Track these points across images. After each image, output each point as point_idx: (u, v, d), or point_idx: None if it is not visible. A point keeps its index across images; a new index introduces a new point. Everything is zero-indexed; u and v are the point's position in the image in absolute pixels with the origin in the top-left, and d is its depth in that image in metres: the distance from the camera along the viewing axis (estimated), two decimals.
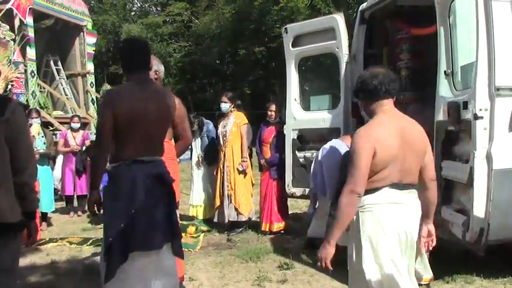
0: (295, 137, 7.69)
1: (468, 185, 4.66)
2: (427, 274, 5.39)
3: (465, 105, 4.73)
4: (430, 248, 3.69)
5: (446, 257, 6.02)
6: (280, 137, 8.16)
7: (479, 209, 4.55)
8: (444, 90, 5.17)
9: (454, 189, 5.07)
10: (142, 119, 3.74)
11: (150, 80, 4.12)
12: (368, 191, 3.42)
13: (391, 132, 3.44)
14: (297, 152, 7.63)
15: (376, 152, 3.36)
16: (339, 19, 7.06)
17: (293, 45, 7.73)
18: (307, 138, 7.62)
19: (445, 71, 5.17)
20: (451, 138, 5.08)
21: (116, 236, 3.70)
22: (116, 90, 4.85)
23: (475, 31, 4.59)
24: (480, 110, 4.52)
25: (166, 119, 4.00)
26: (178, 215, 5.12)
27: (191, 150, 9.34)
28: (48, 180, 9.31)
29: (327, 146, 6.56)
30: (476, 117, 4.52)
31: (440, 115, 5.12)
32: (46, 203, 9.05)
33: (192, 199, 9.43)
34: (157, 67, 4.99)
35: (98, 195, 4.06)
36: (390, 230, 3.41)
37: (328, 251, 3.38)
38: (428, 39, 6.04)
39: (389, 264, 3.43)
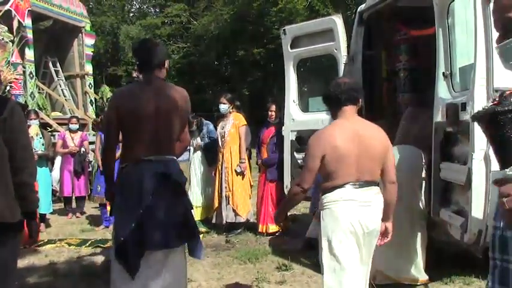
0: (294, 139, 7.69)
1: (466, 187, 4.66)
2: (422, 276, 5.42)
3: (463, 106, 4.73)
4: (382, 243, 4.04)
5: (444, 258, 6.04)
6: (279, 137, 8.17)
7: (477, 210, 4.55)
8: (443, 91, 5.18)
9: (453, 190, 5.07)
10: (149, 119, 3.74)
11: (159, 79, 4.07)
12: (327, 191, 3.82)
13: (345, 136, 3.80)
14: (295, 153, 7.63)
15: (326, 153, 3.76)
16: (338, 20, 7.06)
17: (292, 47, 7.73)
18: (306, 140, 7.61)
19: (443, 73, 5.17)
20: (450, 140, 5.09)
21: (128, 236, 3.71)
22: (121, 90, 4.90)
23: (474, 32, 4.59)
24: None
25: (176, 118, 3.95)
26: None
27: (188, 151, 9.34)
28: (46, 181, 9.30)
29: None
30: None
31: (439, 116, 5.13)
32: (44, 204, 9.04)
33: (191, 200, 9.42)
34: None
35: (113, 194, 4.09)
36: (345, 223, 3.74)
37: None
38: (427, 40, 6.05)
39: (343, 256, 3.76)
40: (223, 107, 8.62)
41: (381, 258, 5.46)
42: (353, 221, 3.75)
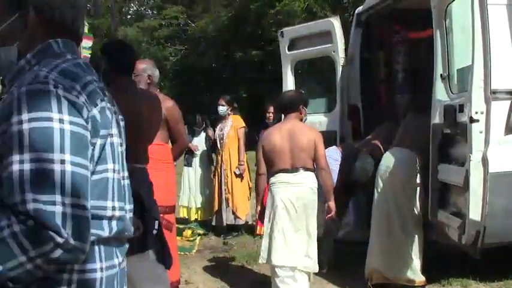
0: None
1: (464, 188, 4.66)
2: (418, 277, 5.42)
3: (461, 108, 4.73)
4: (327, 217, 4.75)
5: (442, 260, 6.04)
6: None
7: (475, 212, 4.55)
8: (440, 93, 5.18)
9: (450, 192, 5.07)
10: None
11: (132, 86, 4.01)
12: (270, 175, 5.10)
13: (281, 134, 5.08)
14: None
15: (265, 147, 5.14)
16: (335, 22, 7.07)
17: (289, 49, 7.73)
18: None
19: (441, 74, 5.17)
20: (447, 142, 5.09)
21: None
22: None
23: (471, 34, 4.60)
24: (476, 113, 4.52)
25: (149, 126, 3.88)
26: (174, 219, 5.15)
27: (187, 153, 9.36)
28: None
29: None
30: (472, 120, 4.52)
31: (437, 118, 5.12)
32: None
33: (185, 200, 9.41)
34: (151, 71, 4.93)
35: None
36: (278, 200, 4.95)
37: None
38: (425, 42, 6.06)
39: (274, 225, 4.97)
40: (222, 108, 8.62)
41: (377, 258, 5.50)
42: (284, 199, 4.94)
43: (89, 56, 18.54)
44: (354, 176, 5.97)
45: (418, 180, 5.51)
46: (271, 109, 8.50)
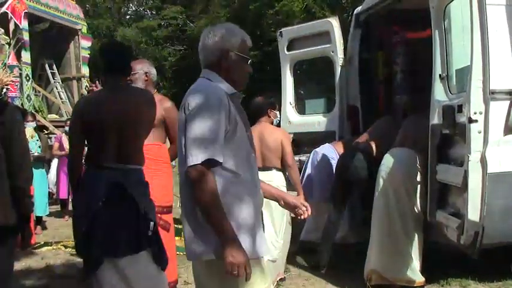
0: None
1: (463, 189, 4.66)
2: (418, 277, 5.42)
3: (460, 108, 4.73)
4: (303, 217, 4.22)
5: (441, 260, 6.04)
6: None
7: (473, 212, 4.55)
8: (439, 93, 5.18)
9: (449, 192, 5.06)
10: (112, 127, 3.64)
11: (127, 86, 4.01)
12: None
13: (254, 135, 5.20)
14: None
15: None
16: (334, 23, 7.07)
17: (288, 49, 7.73)
18: (303, 142, 7.62)
19: (440, 75, 5.17)
20: (446, 142, 5.09)
21: (80, 239, 3.69)
22: (86, 97, 4.87)
23: (470, 34, 4.59)
24: (475, 113, 4.52)
25: (142, 126, 3.86)
26: (172, 219, 5.14)
27: None
28: (42, 183, 9.29)
29: (318, 149, 6.63)
30: (470, 120, 4.52)
31: (435, 119, 5.12)
32: (40, 206, 9.03)
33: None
34: (148, 69, 4.98)
35: None
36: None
37: None
38: (424, 42, 6.05)
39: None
40: None
41: (377, 259, 5.50)
42: None
43: (88, 56, 18.59)
44: (347, 175, 5.99)
45: (419, 180, 5.50)
46: None
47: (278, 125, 8.36)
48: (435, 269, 5.74)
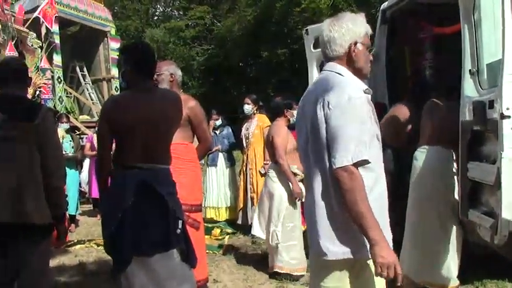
0: None
1: (496, 187, 4.54)
2: (453, 281, 5.21)
3: (491, 104, 4.62)
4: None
5: (476, 261, 5.87)
6: None
7: (507, 211, 4.42)
8: (469, 89, 5.08)
9: (481, 191, 4.92)
10: (140, 127, 3.65)
11: (153, 87, 4.02)
12: None
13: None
14: None
15: None
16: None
17: (314, 47, 7.68)
18: None
19: (469, 70, 5.07)
20: (477, 139, 4.98)
21: (109, 238, 3.73)
22: (114, 98, 4.90)
23: (501, 27, 4.50)
24: (507, 109, 4.41)
25: (169, 126, 3.87)
26: (201, 218, 5.16)
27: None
28: (74, 183, 9.43)
29: None
30: (502, 116, 4.41)
31: (466, 115, 5.03)
32: (72, 205, 9.15)
33: (213, 201, 9.52)
34: (173, 70, 5.03)
35: None
36: None
37: None
38: (452, 37, 5.97)
39: None
40: (247, 107, 8.65)
41: (409, 263, 5.26)
42: None
43: (117, 57, 18.78)
44: None
45: (455, 178, 5.34)
46: (296, 107, 8.50)
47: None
48: (469, 269, 5.63)
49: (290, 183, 6.10)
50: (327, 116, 2.65)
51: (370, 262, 2.65)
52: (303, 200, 5.73)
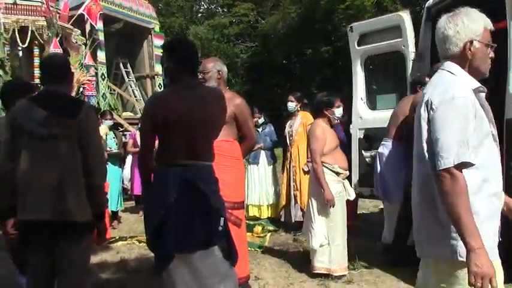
0: (362, 137, 7.60)
1: None
2: None
3: None
4: None
5: None
6: (347, 136, 8.10)
7: None
8: None
9: None
10: (183, 125, 3.64)
11: (197, 84, 4.01)
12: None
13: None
14: (363, 151, 7.54)
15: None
16: (405, 16, 6.94)
17: (359, 44, 7.64)
18: (374, 138, 7.51)
19: None
20: None
21: (152, 235, 3.73)
22: (157, 95, 4.87)
23: None
24: None
25: (213, 123, 3.85)
26: (243, 215, 5.17)
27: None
28: (117, 179, 9.53)
29: (385, 143, 6.49)
30: None
31: (511, 112, 4.94)
32: (114, 201, 9.26)
33: (255, 198, 9.56)
34: (220, 67, 5.04)
35: None
36: None
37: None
38: (498, 34, 5.84)
39: None
40: (291, 105, 8.64)
41: None
42: None
43: (161, 54, 18.84)
44: None
45: None
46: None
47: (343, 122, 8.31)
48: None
49: (322, 189, 5.89)
50: (430, 115, 2.60)
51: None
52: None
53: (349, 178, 7.79)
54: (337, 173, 6.06)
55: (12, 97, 4.23)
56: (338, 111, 6.25)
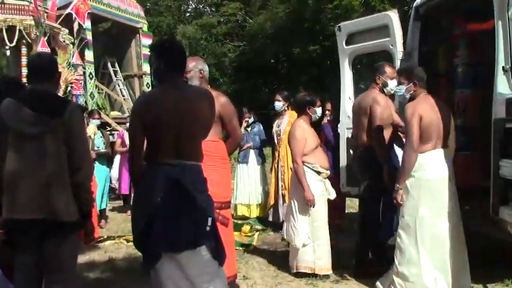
0: (350, 136, 7.62)
1: None
2: None
3: None
4: None
5: (507, 259, 5.84)
6: (334, 135, 8.12)
7: None
8: (502, 86, 5.02)
9: None
10: (171, 124, 3.64)
11: (185, 84, 4.02)
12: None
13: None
14: (351, 151, 7.55)
15: None
16: (393, 16, 6.96)
17: (347, 43, 7.66)
18: None
19: (503, 67, 5.01)
20: (510, 136, 4.92)
21: (139, 234, 3.73)
22: (146, 95, 4.86)
23: None
24: None
25: (201, 123, 3.84)
26: (230, 215, 5.17)
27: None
28: (104, 178, 9.48)
29: None
30: None
31: (498, 112, 4.97)
32: (100, 199, 9.22)
33: (244, 198, 9.56)
34: (201, 66, 5.06)
35: None
36: None
37: None
38: (486, 34, 5.89)
39: None
40: (278, 104, 8.65)
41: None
42: None
43: (149, 53, 18.78)
44: None
45: None
46: (329, 106, 8.49)
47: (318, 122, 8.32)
48: (500, 267, 5.57)
49: (303, 189, 5.98)
50: None
51: None
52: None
53: (337, 177, 7.87)
54: (319, 173, 6.09)
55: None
56: (319, 110, 6.40)
